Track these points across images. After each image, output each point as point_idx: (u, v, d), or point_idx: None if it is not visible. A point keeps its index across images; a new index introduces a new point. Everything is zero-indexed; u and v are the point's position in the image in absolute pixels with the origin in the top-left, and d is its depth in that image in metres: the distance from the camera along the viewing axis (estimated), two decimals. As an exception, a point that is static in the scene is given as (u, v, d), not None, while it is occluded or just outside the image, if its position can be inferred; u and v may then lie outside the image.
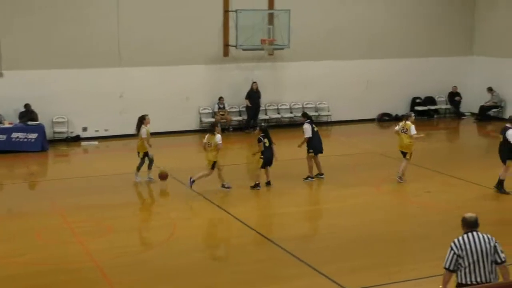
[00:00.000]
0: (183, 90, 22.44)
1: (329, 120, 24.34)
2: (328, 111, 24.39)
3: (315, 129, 16.39)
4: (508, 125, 15.07)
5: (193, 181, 15.36)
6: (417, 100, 25.75)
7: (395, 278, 10.40)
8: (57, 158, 20.02)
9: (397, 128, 16.22)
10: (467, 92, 25.89)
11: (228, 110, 23.05)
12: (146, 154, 16.07)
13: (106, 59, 21.40)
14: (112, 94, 21.62)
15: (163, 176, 15.80)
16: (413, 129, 15.83)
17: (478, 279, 7.42)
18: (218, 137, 15.14)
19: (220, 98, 22.78)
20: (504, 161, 14.93)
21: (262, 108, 23.46)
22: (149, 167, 16.17)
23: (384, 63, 24.95)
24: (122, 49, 21.52)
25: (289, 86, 23.90)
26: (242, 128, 23.17)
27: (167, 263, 11.10)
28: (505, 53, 24.82)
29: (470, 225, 7.63)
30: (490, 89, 25.10)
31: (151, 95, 21.93)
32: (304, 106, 24.11)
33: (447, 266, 7.55)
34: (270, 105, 23.75)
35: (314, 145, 16.20)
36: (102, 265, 10.94)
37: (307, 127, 16.17)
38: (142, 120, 16.12)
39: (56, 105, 20.93)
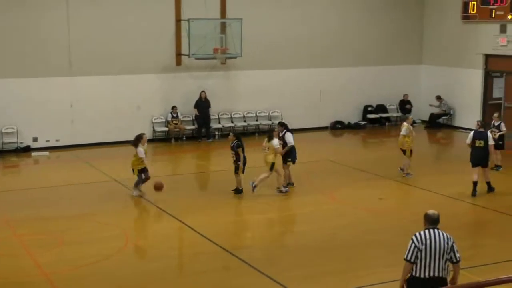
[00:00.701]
0: (135, 99, 22.25)
1: (282, 128, 24.41)
2: (281, 120, 24.43)
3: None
4: (480, 129, 15.68)
5: (255, 186, 15.53)
6: (369, 108, 26.06)
7: (351, 284, 10.44)
8: (6, 169, 19.57)
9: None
10: (417, 100, 26.31)
11: (181, 119, 22.92)
12: (141, 171, 15.55)
13: (56, 68, 21.07)
14: (63, 103, 21.29)
15: (158, 187, 15.16)
16: (403, 130, 17.37)
17: (431, 274, 7.68)
18: (276, 141, 15.68)
19: (173, 107, 22.65)
20: (486, 165, 15.64)
21: (215, 117, 23.42)
22: (138, 183, 15.71)
23: (336, 71, 25.19)
24: (72, 58, 21.22)
25: (242, 95, 23.92)
26: (197, 137, 23.07)
27: (119, 275, 10.92)
28: (452, 62, 25.33)
29: (432, 221, 7.85)
30: (438, 97, 25.56)
31: (103, 104, 21.69)
32: (258, 114, 24.17)
33: (407, 258, 7.75)
34: (223, 114, 23.71)
35: (294, 155, 16.28)
36: (52, 278, 10.71)
37: (289, 136, 16.23)
38: (139, 139, 15.62)
39: (5, 115, 20.51)
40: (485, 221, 14.51)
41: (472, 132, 15.85)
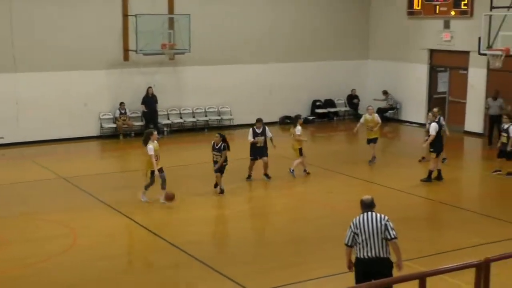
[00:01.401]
0: (82, 96, 21.94)
1: (231, 124, 24.45)
2: (231, 115, 24.50)
3: None
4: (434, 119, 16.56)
5: (293, 171, 16.83)
6: (318, 103, 26.28)
7: (301, 277, 10.54)
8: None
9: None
10: (365, 95, 26.64)
11: (130, 116, 22.71)
12: (153, 172, 14.83)
13: (0, 64, 20.62)
14: (8, 100, 20.85)
15: (169, 197, 14.50)
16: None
17: (370, 254, 8.21)
18: (298, 128, 16.85)
19: (121, 104, 22.41)
20: (438, 154, 16.33)
21: (164, 113, 23.28)
22: (162, 186, 14.78)
23: (285, 67, 25.32)
24: (17, 53, 20.80)
25: (191, 91, 23.83)
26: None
27: (68, 274, 10.79)
28: (398, 57, 25.75)
29: (366, 205, 8.49)
30: (385, 92, 25.95)
31: (49, 101, 21.33)
32: (207, 110, 24.13)
33: (346, 242, 8.40)
34: (172, 110, 23.58)
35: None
36: (-1, 278, 10.50)
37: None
38: (149, 136, 14.89)
39: None
40: (431, 213, 14.82)
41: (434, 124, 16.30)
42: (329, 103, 26.58)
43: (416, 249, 11.46)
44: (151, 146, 14.65)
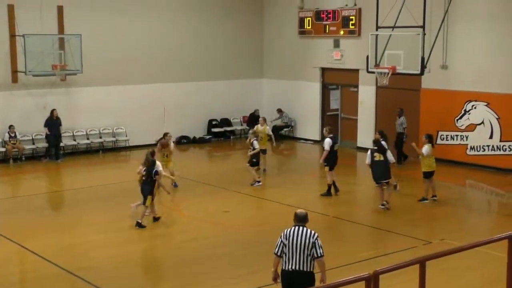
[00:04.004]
0: (-32, 119, 21.03)
1: (127, 145, 24.10)
2: (126, 136, 24.14)
3: None
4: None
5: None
6: (214, 122, 26.35)
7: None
8: None
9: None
10: (261, 113, 26.83)
11: (20, 139, 21.93)
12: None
13: None
14: None
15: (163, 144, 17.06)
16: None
17: (294, 267, 8.31)
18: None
19: (10, 127, 21.62)
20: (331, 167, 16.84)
21: (57, 135, 22.65)
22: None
23: (180, 86, 25.27)
24: None
25: (85, 112, 23.32)
26: (37, 157, 22.14)
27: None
28: (292, 76, 26.28)
29: (299, 219, 8.53)
30: (279, 110, 26.37)
31: None
32: (101, 131, 23.68)
33: (275, 252, 8.47)
34: (66, 132, 22.95)
35: None
36: None
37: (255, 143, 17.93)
38: (153, 154, 14.53)
39: None
40: (327, 227, 15.10)
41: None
42: (225, 122, 26.71)
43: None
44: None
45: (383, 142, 15.78)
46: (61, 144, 22.67)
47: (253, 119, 26.78)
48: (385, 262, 10.23)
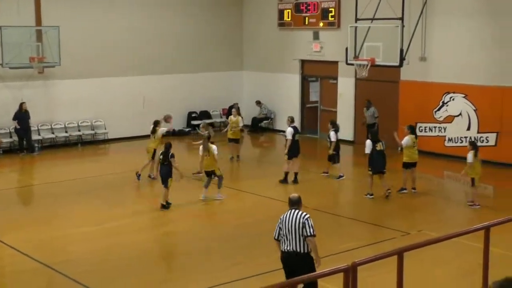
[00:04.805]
0: None
1: (106, 138, 23.97)
2: (105, 129, 23.99)
3: None
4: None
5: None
6: (193, 115, 26.28)
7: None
8: None
9: None
10: (240, 105, 26.84)
11: (-3, 132, 21.74)
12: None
13: None
14: None
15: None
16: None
17: (288, 248, 8.75)
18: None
19: (-13, 120, 21.43)
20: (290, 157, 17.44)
21: (35, 128, 22.43)
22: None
23: (159, 79, 25.16)
24: None
25: (63, 105, 23.13)
26: (15, 150, 21.94)
27: None
28: (272, 68, 26.28)
29: (292, 203, 9.00)
30: (258, 102, 26.37)
31: None
32: (80, 124, 23.51)
33: (274, 237, 8.97)
34: (43, 125, 22.78)
35: None
36: None
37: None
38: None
39: None
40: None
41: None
42: (205, 114, 26.65)
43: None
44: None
45: (331, 133, 17.55)
46: (39, 137, 22.50)
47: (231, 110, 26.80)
48: (364, 253, 10.29)
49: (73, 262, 11.87)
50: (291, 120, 17.93)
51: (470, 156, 15.13)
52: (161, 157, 15.30)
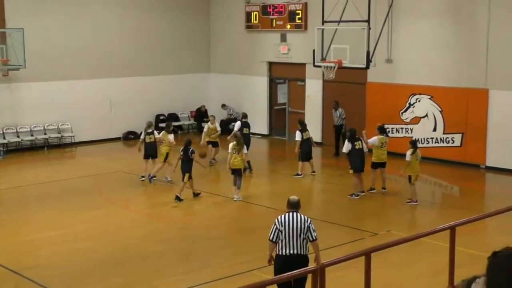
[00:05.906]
0: None
1: (73, 141, 23.73)
2: (72, 132, 23.75)
3: None
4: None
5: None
6: (161, 117, 26.14)
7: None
8: None
9: None
10: (208, 108, 26.84)
11: (-39, 136, 21.38)
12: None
13: None
14: None
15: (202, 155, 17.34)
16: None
17: (291, 251, 8.69)
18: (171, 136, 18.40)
19: (-49, 124, 21.07)
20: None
21: (-1, 132, 22.17)
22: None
23: (125, 81, 24.99)
24: None
25: (29, 108, 22.84)
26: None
27: None
28: (239, 70, 26.28)
29: (291, 205, 8.97)
30: (223, 105, 26.27)
31: None
32: (46, 128, 23.24)
33: (270, 238, 8.80)
34: (8, 129, 22.47)
35: None
36: None
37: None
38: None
39: None
40: (272, 221, 15.16)
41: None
42: (173, 117, 26.53)
43: (263, 258, 11.67)
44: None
45: (297, 132, 18.19)
46: (4, 141, 22.19)
47: (200, 114, 26.73)
48: (333, 254, 10.33)
49: (40, 267, 11.73)
50: (243, 115, 20.03)
51: (408, 154, 15.68)
52: (181, 153, 16.02)
